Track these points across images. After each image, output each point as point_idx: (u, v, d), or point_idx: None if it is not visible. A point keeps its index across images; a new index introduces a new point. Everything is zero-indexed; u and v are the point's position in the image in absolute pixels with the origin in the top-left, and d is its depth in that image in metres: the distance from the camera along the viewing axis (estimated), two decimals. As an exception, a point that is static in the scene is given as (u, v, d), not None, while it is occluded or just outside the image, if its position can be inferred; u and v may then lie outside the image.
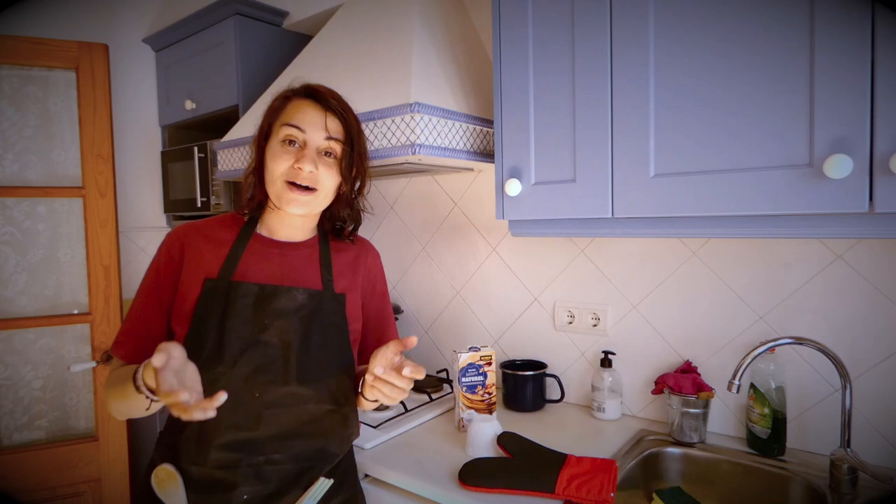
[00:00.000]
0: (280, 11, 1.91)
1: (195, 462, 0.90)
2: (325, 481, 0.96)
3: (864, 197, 0.79)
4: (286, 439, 0.92)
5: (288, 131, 0.93)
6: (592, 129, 1.05)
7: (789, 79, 0.84)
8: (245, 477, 0.90)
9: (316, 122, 0.93)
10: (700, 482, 1.19)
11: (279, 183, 0.92)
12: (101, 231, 1.79)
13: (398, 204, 1.90)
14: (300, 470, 0.94)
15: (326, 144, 0.94)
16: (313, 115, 0.94)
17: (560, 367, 1.54)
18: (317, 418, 0.95)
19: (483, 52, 1.57)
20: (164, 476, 0.92)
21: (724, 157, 0.91)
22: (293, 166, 0.91)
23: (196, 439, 0.90)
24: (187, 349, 0.92)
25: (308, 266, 1.00)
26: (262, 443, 0.91)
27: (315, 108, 0.94)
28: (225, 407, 0.87)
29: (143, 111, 2.25)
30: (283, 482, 0.92)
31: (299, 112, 0.94)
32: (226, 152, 1.64)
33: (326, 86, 0.99)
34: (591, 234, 1.12)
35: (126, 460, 1.84)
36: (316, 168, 0.92)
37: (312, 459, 0.95)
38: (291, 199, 0.92)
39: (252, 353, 0.90)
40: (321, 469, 0.97)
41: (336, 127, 0.95)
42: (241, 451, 0.90)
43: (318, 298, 0.96)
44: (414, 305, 1.88)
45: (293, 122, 0.93)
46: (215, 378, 0.89)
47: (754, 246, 1.23)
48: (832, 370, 1.09)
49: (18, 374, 1.76)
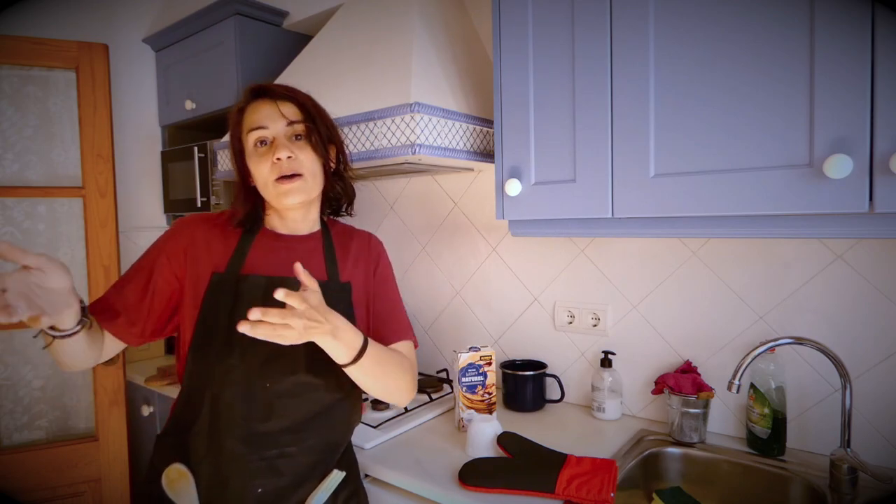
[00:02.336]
0: (280, 11, 1.91)
1: (207, 458, 0.90)
2: (338, 473, 0.97)
3: (864, 197, 0.79)
4: (298, 431, 0.93)
5: (254, 135, 0.96)
6: (592, 129, 1.05)
7: (789, 79, 0.84)
8: (259, 471, 0.90)
9: (272, 115, 0.96)
10: (700, 482, 1.19)
11: (269, 184, 0.95)
12: (101, 231, 1.79)
13: (398, 204, 1.90)
14: (313, 463, 0.95)
15: (291, 129, 0.96)
16: (268, 110, 0.96)
17: (560, 367, 1.54)
18: (327, 408, 0.96)
19: (483, 52, 1.57)
20: (175, 476, 0.92)
21: (724, 157, 0.91)
22: (272, 161, 0.94)
23: (208, 434, 0.91)
24: (197, 342, 0.94)
25: (313, 257, 1.02)
26: (275, 436, 0.92)
27: (266, 103, 0.97)
28: (237, 399, 0.90)
29: (143, 111, 2.25)
30: (296, 475, 0.93)
31: (255, 113, 0.97)
32: (226, 152, 1.64)
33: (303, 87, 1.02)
34: (591, 234, 1.12)
35: (126, 460, 1.84)
36: (292, 153, 0.94)
37: (324, 451, 0.97)
38: (283, 191, 0.95)
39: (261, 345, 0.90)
40: (332, 461, 0.99)
41: (291, 110, 0.97)
42: (254, 444, 0.91)
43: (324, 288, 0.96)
44: (414, 305, 1.88)
45: (254, 124, 0.96)
46: (227, 369, 0.90)
47: (754, 246, 1.23)
48: (832, 370, 1.09)
49: (18, 374, 1.76)
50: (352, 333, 0.86)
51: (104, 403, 1.82)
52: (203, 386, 0.92)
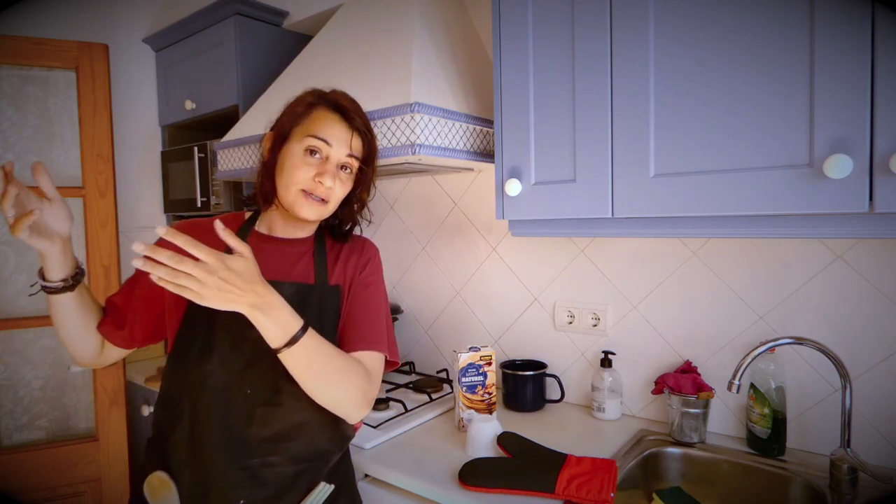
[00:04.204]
0: (280, 11, 1.91)
1: (189, 466, 0.89)
2: (325, 486, 0.94)
3: (864, 197, 0.79)
4: (280, 441, 0.91)
5: (314, 143, 0.93)
6: (592, 129, 1.05)
7: (789, 79, 0.84)
8: (240, 480, 0.88)
9: (342, 139, 0.94)
10: (700, 482, 1.19)
11: (294, 190, 0.93)
12: (101, 231, 1.79)
13: (398, 204, 1.90)
14: (297, 472, 0.92)
15: (347, 160, 0.96)
16: (340, 131, 0.95)
17: (560, 367, 1.54)
18: (311, 416, 0.92)
19: (483, 52, 1.57)
20: (157, 484, 0.90)
21: (724, 157, 0.91)
22: (314, 178, 0.93)
23: (189, 441, 0.89)
24: (177, 347, 0.94)
25: (301, 261, 1.00)
26: (257, 444, 0.89)
27: (342, 124, 0.95)
28: (215, 405, 0.89)
29: (143, 111, 2.25)
30: (280, 486, 0.91)
31: (326, 125, 0.94)
32: (226, 152, 1.64)
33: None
34: (590, 234, 1.12)
35: (126, 460, 1.84)
36: (333, 184, 0.94)
37: (309, 461, 0.94)
38: (304, 206, 0.94)
39: (241, 349, 0.90)
40: (319, 471, 0.96)
41: (359, 146, 0.97)
42: (235, 452, 0.88)
43: (306, 292, 0.95)
44: (414, 305, 1.88)
45: (320, 134, 0.93)
46: (205, 375, 0.89)
47: (754, 246, 1.23)
48: (832, 370, 1.09)
49: (18, 374, 1.76)
50: (288, 315, 0.80)
51: (104, 403, 1.82)
52: (181, 391, 0.91)
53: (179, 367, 0.93)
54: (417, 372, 1.80)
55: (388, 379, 1.66)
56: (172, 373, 0.94)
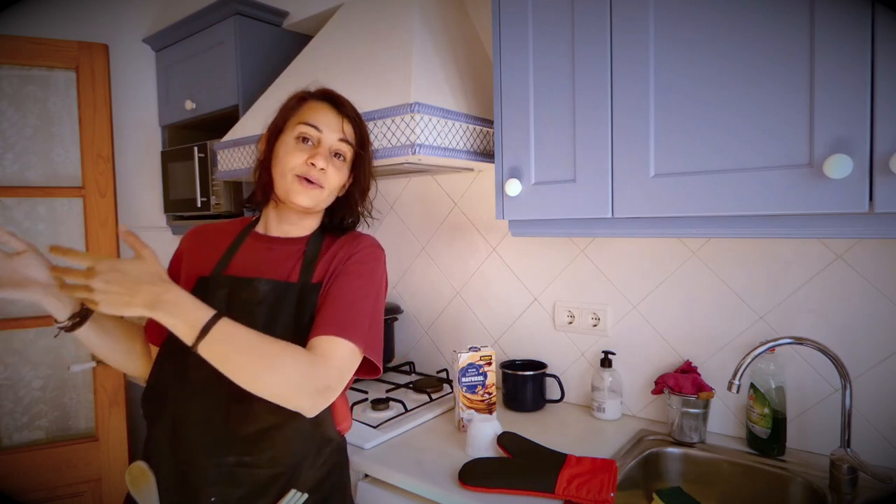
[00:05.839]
0: (280, 11, 1.91)
1: (169, 459, 0.89)
2: (296, 494, 0.91)
3: (864, 197, 0.79)
4: (257, 441, 0.89)
5: (304, 129, 0.97)
6: (592, 128, 1.05)
7: (789, 79, 0.84)
8: (215, 478, 0.87)
9: (332, 124, 0.98)
10: (700, 482, 1.19)
11: (289, 176, 0.96)
12: (101, 231, 1.80)
13: (398, 204, 1.90)
14: (273, 476, 0.90)
15: (339, 146, 0.99)
16: (330, 117, 0.98)
17: (560, 367, 1.54)
18: (291, 418, 0.88)
19: (483, 52, 1.57)
20: (137, 473, 0.90)
21: (724, 157, 0.91)
22: (306, 162, 0.95)
23: (170, 432, 0.90)
24: (166, 343, 0.95)
25: (290, 259, 1.00)
26: (233, 443, 0.88)
27: (332, 111, 0.99)
28: (193, 401, 0.90)
29: (143, 111, 2.25)
30: (254, 487, 0.89)
31: (317, 112, 0.98)
32: (226, 152, 1.64)
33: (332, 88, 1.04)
34: (590, 234, 1.12)
35: (126, 460, 1.85)
36: (326, 167, 0.96)
37: (287, 465, 0.91)
38: (299, 191, 0.96)
39: None
40: (297, 476, 0.93)
41: (350, 131, 1.00)
42: (212, 448, 0.88)
43: (283, 289, 0.94)
44: (414, 305, 1.88)
45: (310, 121, 0.97)
46: (187, 367, 0.89)
47: (754, 246, 1.23)
48: (832, 370, 1.09)
49: (18, 374, 1.76)
50: (192, 309, 0.77)
51: (104, 403, 1.82)
52: (164, 386, 0.92)
53: (164, 359, 0.94)
54: (417, 372, 1.80)
55: (389, 379, 1.66)
56: (158, 364, 0.95)
